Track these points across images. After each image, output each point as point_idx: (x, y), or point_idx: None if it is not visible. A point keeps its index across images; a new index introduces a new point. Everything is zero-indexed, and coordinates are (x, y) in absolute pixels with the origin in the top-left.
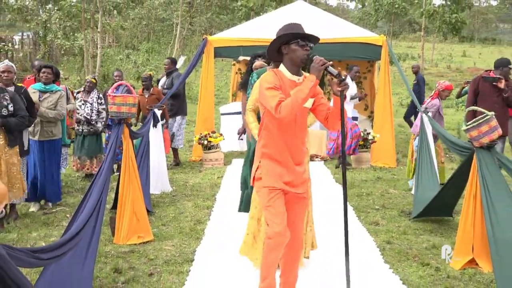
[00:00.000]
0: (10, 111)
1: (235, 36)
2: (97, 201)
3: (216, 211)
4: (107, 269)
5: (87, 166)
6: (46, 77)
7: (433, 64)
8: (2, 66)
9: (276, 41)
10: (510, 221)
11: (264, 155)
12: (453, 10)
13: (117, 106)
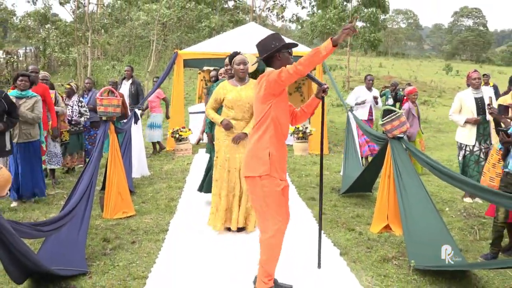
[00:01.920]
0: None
1: (200, 50)
2: (88, 183)
3: (186, 191)
4: (98, 239)
5: (67, 161)
6: (24, 84)
7: (357, 73)
8: None
9: (276, 48)
10: (415, 196)
11: (272, 155)
12: (372, 31)
13: (104, 106)
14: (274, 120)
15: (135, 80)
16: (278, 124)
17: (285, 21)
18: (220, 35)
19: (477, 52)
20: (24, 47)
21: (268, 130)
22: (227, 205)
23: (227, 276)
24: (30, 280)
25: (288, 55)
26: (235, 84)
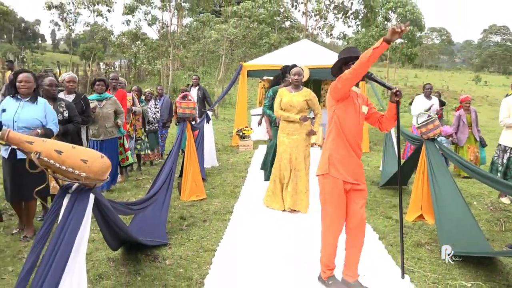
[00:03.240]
0: (65, 117)
1: (261, 63)
2: (169, 171)
3: (248, 180)
4: (176, 217)
5: (150, 155)
6: (100, 88)
7: (395, 83)
8: (67, 76)
9: (340, 61)
10: (446, 190)
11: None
12: (409, 46)
13: (183, 109)
14: (336, 124)
15: (201, 86)
16: (341, 127)
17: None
18: (277, 50)
19: (504, 65)
20: (119, 60)
21: (331, 133)
22: (280, 189)
23: (281, 249)
24: (123, 248)
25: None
26: (290, 90)
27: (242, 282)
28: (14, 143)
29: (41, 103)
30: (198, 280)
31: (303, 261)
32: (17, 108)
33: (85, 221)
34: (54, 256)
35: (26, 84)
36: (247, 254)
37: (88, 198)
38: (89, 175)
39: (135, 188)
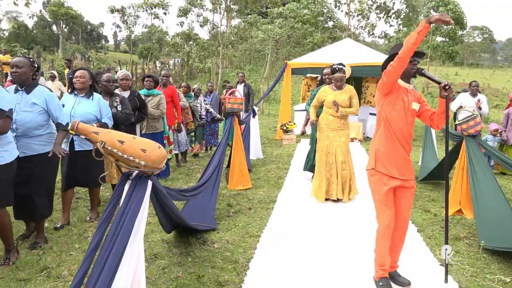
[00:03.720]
0: (119, 111)
1: (305, 61)
2: (218, 162)
3: (291, 171)
4: (223, 204)
5: (196, 148)
6: (149, 84)
7: None
8: (121, 74)
9: (390, 58)
10: (486, 186)
11: (378, 151)
12: (450, 45)
13: (231, 104)
14: (384, 120)
15: (247, 83)
16: (388, 123)
17: (374, 37)
18: (320, 49)
19: None
20: (173, 58)
21: (379, 128)
22: (326, 181)
23: (322, 238)
24: (176, 231)
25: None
26: (334, 89)
27: (285, 266)
28: (83, 133)
29: (96, 98)
30: (243, 263)
31: (343, 249)
32: (74, 103)
33: (143, 205)
34: (117, 236)
35: (81, 79)
36: (289, 240)
37: (147, 184)
38: (147, 164)
39: (186, 176)
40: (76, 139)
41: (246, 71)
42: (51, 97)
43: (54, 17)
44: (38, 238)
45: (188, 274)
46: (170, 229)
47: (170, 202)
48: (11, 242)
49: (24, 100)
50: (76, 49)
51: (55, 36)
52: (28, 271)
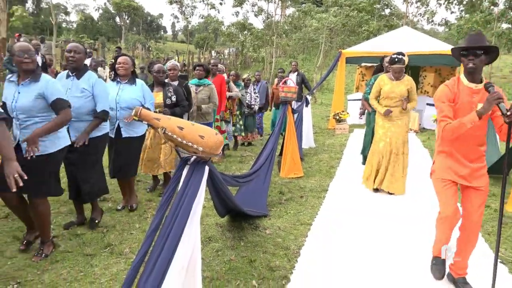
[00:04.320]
0: (173, 101)
1: (360, 50)
2: (271, 150)
3: (343, 161)
4: (275, 191)
5: (248, 136)
6: (199, 73)
7: (499, 70)
8: (169, 65)
9: (457, 50)
10: None
11: (440, 152)
12: None
13: (285, 93)
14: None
15: (300, 72)
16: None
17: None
18: (376, 38)
19: None
20: (228, 48)
21: (438, 139)
22: (376, 172)
23: (373, 228)
24: (229, 216)
25: (463, 58)
26: (391, 78)
27: (336, 256)
28: (145, 119)
29: (139, 84)
30: (294, 250)
31: (395, 242)
32: (118, 90)
33: (200, 189)
34: (175, 218)
35: (125, 65)
36: (341, 230)
37: (204, 169)
38: (205, 149)
39: (239, 163)
40: (122, 126)
41: (299, 60)
42: (98, 82)
43: (117, 9)
44: (94, 213)
45: (240, 258)
46: (224, 214)
47: (225, 187)
48: (47, 234)
49: (74, 86)
50: (137, 40)
51: (118, 27)
52: (93, 247)
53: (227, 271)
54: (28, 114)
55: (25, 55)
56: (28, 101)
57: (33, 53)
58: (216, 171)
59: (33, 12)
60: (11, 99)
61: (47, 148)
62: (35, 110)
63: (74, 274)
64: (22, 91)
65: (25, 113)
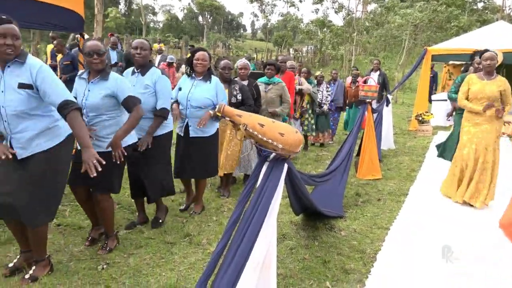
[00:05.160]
0: (238, 100)
1: (448, 47)
2: (348, 150)
3: (426, 164)
4: (351, 193)
5: (320, 137)
6: (270, 73)
7: None
8: (240, 63)
9: None
10: None
11: None
12: None
13: (365, 92)
14: None
15: (382, 71)
16: None
17: None
18: (467, 34)
19: None
20: (306, 46)
21: None
22: (459, 180)
23: (457, 238)
24: (303, 214)
25: None
26: (481, 77)
27: (414, 262)
28: (228, 116)
29: (213, 82)
30: (370, 254)
31: (477, 251)
32: (191, 87)
33: (279, 186)
34: (254, 214)
35: (203, 62)
36: (421, 237)
37: (283, 166)
38: (285, 147)
39: (315, 162)
40: (191, 125)
41: (380, 58)
42: (161, 79)
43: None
44: (159, 212)
45: (314, 258)
46: (299, 212)
47: (303, 186)
48: (111, 229)
49: (139, 82)
50: (217, 38)
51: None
52: (174, 236)
53: (301, 270)
54: (97, 112)
55: (95, 55)
56: (97, 99)
57: (102, 52)
58: (294, 169)
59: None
60: (81, 96)
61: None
62: (103, 108)
63: (156, 260)
64: (91, 88)
65: (94, 111)
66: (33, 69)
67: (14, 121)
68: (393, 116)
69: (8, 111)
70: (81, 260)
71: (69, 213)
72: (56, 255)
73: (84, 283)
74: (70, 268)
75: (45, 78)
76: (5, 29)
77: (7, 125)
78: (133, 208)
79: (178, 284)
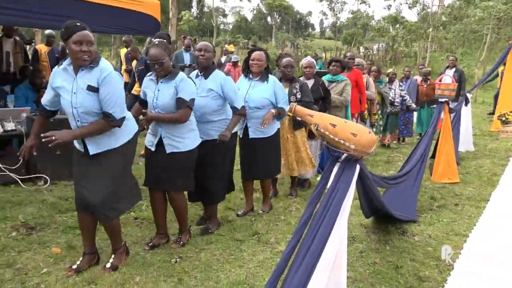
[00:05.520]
0: (298, 98)
1: None
2: (423, 151)
3: (510, 168)
4: (426, 196)
5: (387, 138)
6: (335, 70)
7: None
8: (305, 62)
9: None
10: None
11: None
12: None
13: (441, 90)
14: None
15: (458, 68)
16: None
17: None
18: None
19: None
20: (377, 43)
21: None
22: None
23: None
24: (374, 217)
25: None
26: None
27: (496, 274)
28: (299, 115)
29: (271, 81)
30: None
31: None
32: (248, 87)
33: (350, 188)
34: (325, 215)
35: (259, 62)
36: (503, 246)
37: (355, 168)
38: (357, 148)
39: (386, 164)
40: (250, 126)
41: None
42: (227, 81)
43: (269, 9)
44: (210, 223)
45: (385, 262)
46: (370, 214)
47: (375, 188)
48: (185, 224)
49: (202, 86)
50: (286, 38)
51: (269, 26)
52: (242, 233)
53: (371, 274)
54: (168, 111)
55: (156, 65)
56: (166, 99)
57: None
58: (366, 170)
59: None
60: (152, 97)
61: (187, 145)
62: (173, 107)
63: (226, 256)
64: (161, 88)
65: (165, 110)
66: (102, 73)
67: (85, 120)
68: (472, 116)
69: (79, 111)
70: (157, 252)
71: (146, 207)
72: (134, 247)
73: (159, 275)
74: (147, 259)
75: (107, 86)
76: (80, 36)
77: (80, 124)
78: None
79: (247, 281)
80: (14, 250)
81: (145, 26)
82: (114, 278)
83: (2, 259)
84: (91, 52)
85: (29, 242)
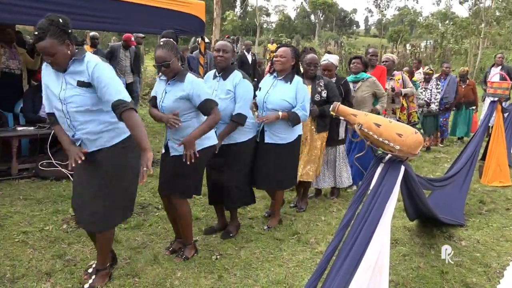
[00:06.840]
0: (323, 97)
1: None
2: (472, 152)
3: None
4: (474, 200)
5: (426, 141)
6: (356, 67)
7: None
8: (323, 64)
9: None
10: None
11: None
12: None
13: (494, 89)
14: None
15: (505, 65)
16: None
17: None
18: None
19: None
20: (425, 41)
21: None
22: None
23: None
24: (418, 220)
25: None
26: None
27: None
28: (342, 115)
29: (294, 82)
30: (496, 269)
31: None
32: (269, 87)
33: (394, 190)
34: (368, 216)
35: (281, 59)
36: None
37: (400, 169)
38: (402, 148)
39: (432, 165)
40: (267, 130)
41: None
42: (242, 82)
43: (313, 8)
44: (231, 225)
45: (430, 267)
46: (414, 217)
47: (420, 190)
48: (189, 237)
49: (220, 87)
50: (329, 36)
51: (312, 25)
52: (282, 233)
53: (414, 279)
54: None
55: (162, 66)
56: (171, 101)
57: (170, 56)
58: (412, 171)
59: (240, 16)
60: (159, 99)
61: (200, 144)
62: (179, 110)
63: (265, 255)
64: (168, 90)
65: (168, 112)
66: (89, 66)
67: (75, 120)
68: None
69: (69, 108)
70: (198, 249)
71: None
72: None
73: (200, 271)
74: None
75: (100, 76)
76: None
77: (70, 122)
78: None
79: (286, 280)
80: (64, 242)
81: (191, 26)
82: (157, 272)
83: (53, 250)
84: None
85: (78, 235)
